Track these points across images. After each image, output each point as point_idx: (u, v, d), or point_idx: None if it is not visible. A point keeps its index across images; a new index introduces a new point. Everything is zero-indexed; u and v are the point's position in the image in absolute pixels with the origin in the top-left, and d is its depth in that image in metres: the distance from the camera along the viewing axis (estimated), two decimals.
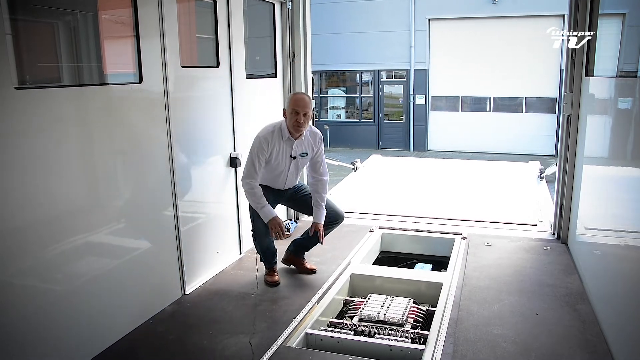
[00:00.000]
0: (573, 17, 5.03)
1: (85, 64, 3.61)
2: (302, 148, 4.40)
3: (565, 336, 3.60)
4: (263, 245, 4.45)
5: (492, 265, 4.86)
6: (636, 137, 3.30)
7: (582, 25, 4.90)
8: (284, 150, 4.34)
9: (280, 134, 4.30)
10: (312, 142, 4.43)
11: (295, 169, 4.48)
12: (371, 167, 10.15)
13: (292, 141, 4.33)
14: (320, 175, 4.50)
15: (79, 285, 3.33)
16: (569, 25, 5.10)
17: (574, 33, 4.84)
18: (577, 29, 4.94)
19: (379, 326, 3.92)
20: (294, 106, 4.20)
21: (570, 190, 5.30)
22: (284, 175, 4.45)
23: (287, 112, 4.25)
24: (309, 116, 4.28)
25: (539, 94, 19.36)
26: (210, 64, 4.69)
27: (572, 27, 5.01)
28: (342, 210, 4.69)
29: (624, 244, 3.49)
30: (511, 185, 8.40)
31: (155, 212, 4.01)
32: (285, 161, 4.38)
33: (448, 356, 3.34)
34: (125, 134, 3.67)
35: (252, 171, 4.28)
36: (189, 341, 3.61)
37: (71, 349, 3.25)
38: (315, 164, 4.51)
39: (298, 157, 4.40)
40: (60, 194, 3.16)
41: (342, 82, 22.79)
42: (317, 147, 4.46)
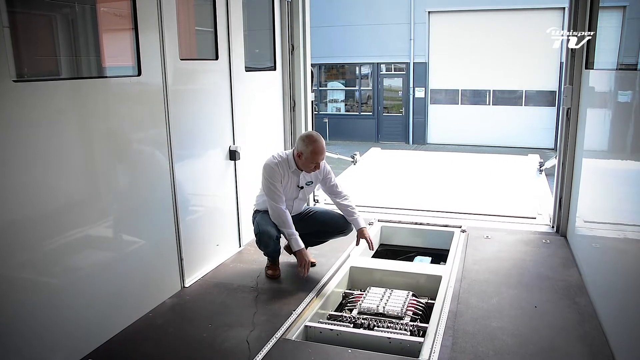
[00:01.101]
0: (573, 10, 5.02)
1: (84, 57, 3.60)
2: (308, 177, 4.47)
3: (564, 329, 3.61)
4: (269, 248, 4.43)
5: (491, 258, 4.86)
6: (636, 130, 3.29)
7: (582, 18, 4.88)
8: (291, 180, 4.39)
9: (288, 164, 4.34)
10: (317, 171, 4.44)
11: (303, 196, 4.54)
12: (370, 160, 10.15)
13: (298, 172, 4.39)
14: (342, 195, 4.56)
15: (78, 278, 3.34)
16: (569, 18, 5.09)
17: (574, 33, 4.82)
18: (577, 22, 4.93)
19: (378, 319, 3.93)
20: (316, 159, 4.22)
21: (570, 184, 5.30)
22: (290, 202, 4.48)
23: (305, 158, 4.23)
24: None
25: (538, 87, 19.34)
26: (209, 57, 4.68)
27: (572, 20, 5.00)
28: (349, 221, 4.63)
29: (623, 237, 3.49)
30: (510, 179, 8.40)
31: (154, 205, 4.01)
32: (293, 191, 4.44)
33: (447, 349, 3.35)
34: (124, 127, 3.67)
35: (276, 196, 4.30)
36: (189, 334, 3.62)
37: (71, 342, 3.25)
38: (331, 189, 4.58)
39: (305, 187, 4.48)
40: (59, 187, 3.15)
41: (341, 75, 22.75)
42: (322, 175, 4.50)
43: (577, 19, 4.95)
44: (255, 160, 4.96)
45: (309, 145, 4.21)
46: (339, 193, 4.56)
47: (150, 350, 3.43)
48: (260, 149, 5.44)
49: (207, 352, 3.38)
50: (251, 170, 4.86)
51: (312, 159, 4.21)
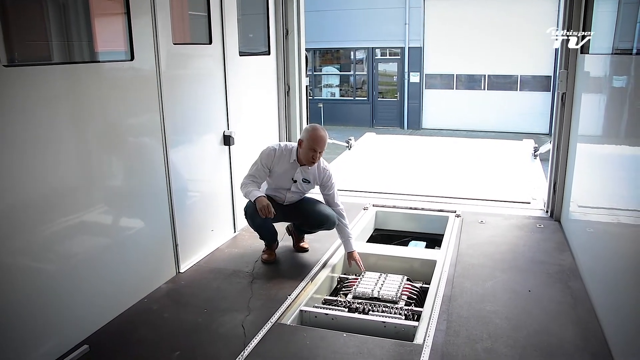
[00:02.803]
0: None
1: (76, 42, 3.56)
2: (305, 175, 4.41)
3: (557, 312, 3.64)
4: (256, 222, 4.41)
5: (486, 242, 4.88)
6: (630, 115, 3.30)
7: (579, 2, 4.86)
8: (287, 171, 4.37)
9: (289, 155, 4.33)
10: (317, 173, 4.42)
11: (297, 190, 4.48)
12: (365, 145, 10.14)
13: (297, 165, 4.35)
14: (338, 211, 4.50)
15: (73, 264, 3.33)
16: (565, 2, 5.06)
17: (574, 33, 4.80)
18: (573, 6, 4.91)
19: (373, 303, 3.95)
20: (314, 145, 4.20)
21: (564, 169, 5.31)
22: (283, 192, 4.47)
23: (304, 145, 4.23)
24: (322, 152, 4.32)
25: (533, 72, 19.33)
26: (203, 42, 4.64)
27: (568, 4, 4.98)
28: (333, 214, 4.47)
29: (617, 222, 3.51)
30: (505, 163, 8.41)
31: (149, 191, 4.00)
32: (286, 181, 4.41)
33: (441, 333, 3.37)
34: (118, 112, 3.64)
35: (250, 172, 4.36)
36: (184, 319, 3.63)
37: (66, 327, 3.25)
38: (328, 198, 4.54)
39: (299, 182, 4.41)
40: (53, 173, 3.13)
41: (336, 59, 22.67)
42: (320, 180, 4.45)
43: (572, 4, 4.92)
44: (250, 145, 4.96)
45: (310, 131, 4.23)
46: (335, 205, 4.50)
47: (146, 335, 3.44)
48: (254, 134, 5.44)
49: (202, 337, 3.39)
50: (245, 155, 4.84)
51: (311, 145, 4.20)
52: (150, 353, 3.23)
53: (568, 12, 4.98)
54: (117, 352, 3.26)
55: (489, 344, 3.25)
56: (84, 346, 3.24)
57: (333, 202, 4.51)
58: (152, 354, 3.22)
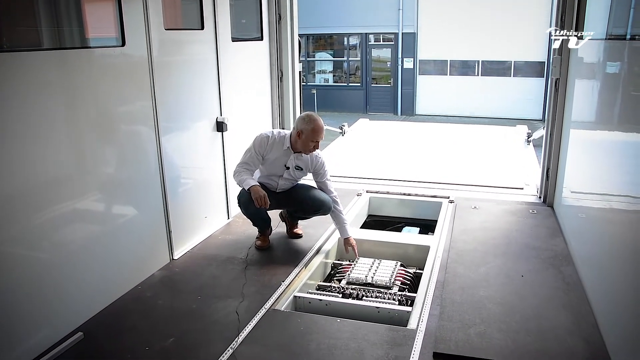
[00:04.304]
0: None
1: (67, 27, 3.52)
2: (298, 162, 4.40)
3: (550, 297, 3.66)
4: (249, 210, 4.41)
5: (479, 228, 4.90)
6: (623, 101, 3.30)
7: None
8: (280, 158, 4.35)
9: (282, 143, 4.32)
10: (309, 160, 4.41)
11: (289, 177, 4.46)
12: (359, 131, 10.12)
13: (290, 153, 4.34)
14: (331, 197, 4.49)
15: (67, 252, 3.32)
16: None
17: (574, 33, 4.78)
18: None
19: (366, 289, 3.97)
20: (316, 137, 4.21)
21: (557, 154, 5.33)
22: (276, 179, 4.45)
23: (305, 136, 4.20)
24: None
25: (527, 58, 19.30)
26: (195, 27, 4.59)
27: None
28: (328, 199, 4.48)
29: (609, 207, 3.53)
30: (498, 149, 8.42)
31: (142, 178, 3.98)
32: (278, 168, 4.40)
33: (435, 317, 3.39)
34: (110, 98, 3.61)
35: (243, 160, 4.34)
36: (178, 306, 3.63)
37: (60, 315, 3.25)
38: (321, 185, 4.53)
39: (292, 169, 4.40)
40: (45, 161, 3.11)
41: (329, 45, 22.56)
42: (313, 167, 4.45)
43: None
44: (243, 132, 4.95)
45: (310, 123, 4.20)
46: (329, 192, 4.50)
47: (140, 322, 3.44)
48: (247, 120, 5.42)
49: (196, 324, 3.40)
50: (239, 141, 4.82)
51: (312, 137, 4.19)
52: (144, 340, 3.22)
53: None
54: (111, 339, 3.26)
55: (482, 328, 3.27)
56: (78, 334, 3.24)
57: (327, 189, 4.51)
58: (146, 340, 3.21)
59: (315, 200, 4.45)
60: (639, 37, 3.21)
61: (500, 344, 3.11)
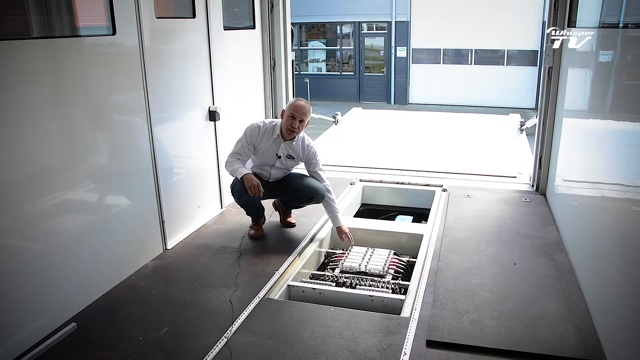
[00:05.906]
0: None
1: (56, 16, 3.47)
2: (289, 151, 4.39)
3: (542, 285, 3.69)
4: (242, 199, 4.40)
5: (472, 216, 4.92)
6: (616, 90, 3.30)
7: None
8: (270, 146, 4.35)
9: (273, 131, 4.33)
10: (301, 150, 4.41)
11: (281, 167, 4.46)
12: (352, 120, 10.11)
13: (280, 141, 4.34)
14: (320, 184, 4.49)
15: (59, 243, 3.31)
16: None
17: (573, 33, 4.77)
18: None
19: (360, 277, 3.98)
20: (292, 111, 4.23)
21: (550, 143, 5.34)
22: (268, 168, 4.46)
23: (285, 114, 4.26)
24: (305, 124, 4.31)
25: (520, 47, 19.30)
26: (187, 15, 4.55)
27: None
28: (322, 187, 4.47)
29: (601, 196, 3.54)
30: (491, 138, 8.44)
31: (134, 168, 3.96)
32: (270, 157, 4.40)
33: (428, 305, 3.41)
34: (101, 87, 3.58)
35: (235, 150, 4.36)
36: (172, 295, 3.63)
37: (53, 306, 3.24)
38: (314, 175, 4.54)
39: (283, 158, 4.40)
40: (36, 151, 3.08)
41: (322, 34, 22.45)
42: (305, 157, 4.44)
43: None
44: (235, 121, 4.92)
45: (293, 102, 4.28)
46: (322, 181, 4.49)
47: (134, 312, 3.44)
48: (240, 109, 5.40)
49: (190, 313, 3.40)
50: (231, 130, 4.79)
51: (290, 112, 4.22)
52: (138, 329, 3.22)
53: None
54: (105, 329, 3.26)
55: (475, 316, 3.29)
56: (71, 324, 3.23)
57: (319, 178, 4.51)
58: (140, 330, 3.21)
59: (309, 188, 4.44)
60: (632, 25, 3.21)
61: (492, 331, 3.13)
